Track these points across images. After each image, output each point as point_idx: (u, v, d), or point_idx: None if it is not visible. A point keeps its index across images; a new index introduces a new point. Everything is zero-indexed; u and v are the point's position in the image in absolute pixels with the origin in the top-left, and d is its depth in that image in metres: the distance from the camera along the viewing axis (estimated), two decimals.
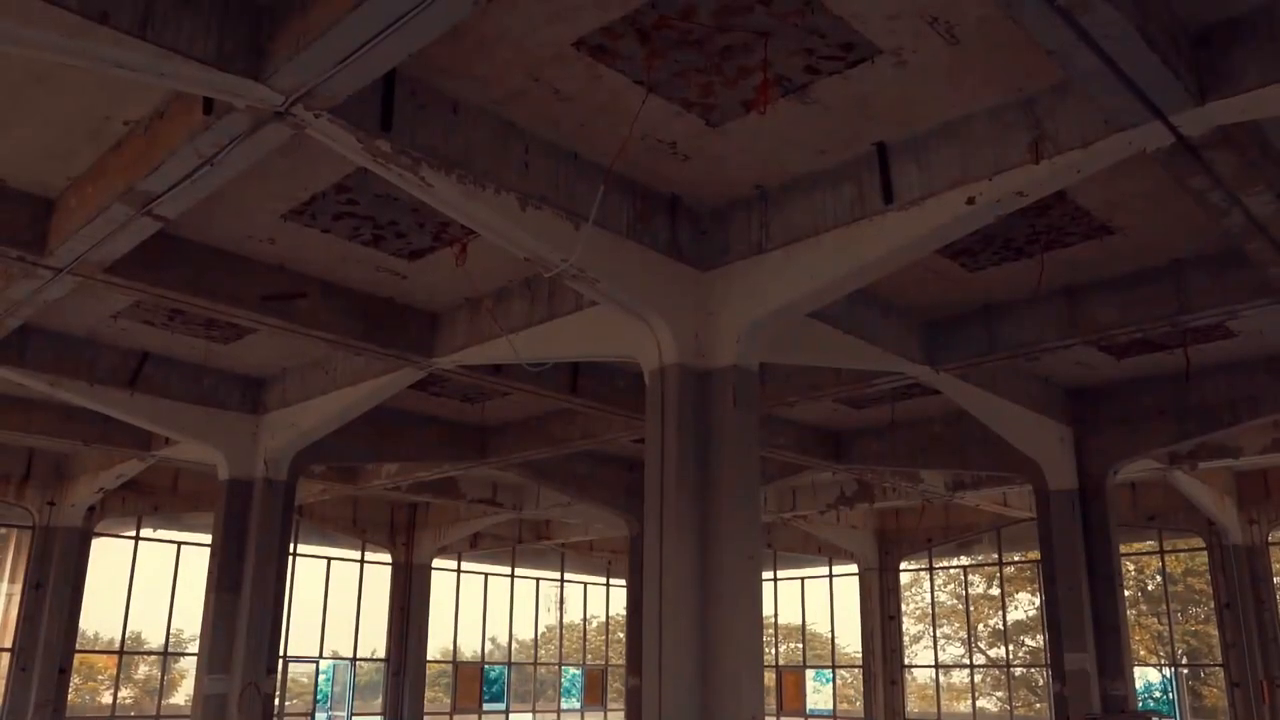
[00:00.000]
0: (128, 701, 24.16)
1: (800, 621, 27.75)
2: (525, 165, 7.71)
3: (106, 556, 21.10)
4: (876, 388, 12.84)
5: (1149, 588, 27.69)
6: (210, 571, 14.39)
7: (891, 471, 18.17)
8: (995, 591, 29.03)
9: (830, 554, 25.88)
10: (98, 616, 20.89)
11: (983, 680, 26.84)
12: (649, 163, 8.32)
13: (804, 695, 26.94)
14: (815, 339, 10.25)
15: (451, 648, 26.37)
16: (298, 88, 6.24)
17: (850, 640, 26.49)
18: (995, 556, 24.82)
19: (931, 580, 26.62)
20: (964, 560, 25.84)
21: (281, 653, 19.23)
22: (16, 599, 20.60)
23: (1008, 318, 11.21)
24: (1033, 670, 29.48)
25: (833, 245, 8.19)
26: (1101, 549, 14.16)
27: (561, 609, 29.32)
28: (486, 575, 27.39)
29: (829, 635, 27.53)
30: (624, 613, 25.43)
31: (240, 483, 14.42)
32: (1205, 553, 20.97)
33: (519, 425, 16.44)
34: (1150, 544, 22.79)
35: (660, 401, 8.54)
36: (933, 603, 27.08)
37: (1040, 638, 27.29)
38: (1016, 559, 25.36)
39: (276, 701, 17.82)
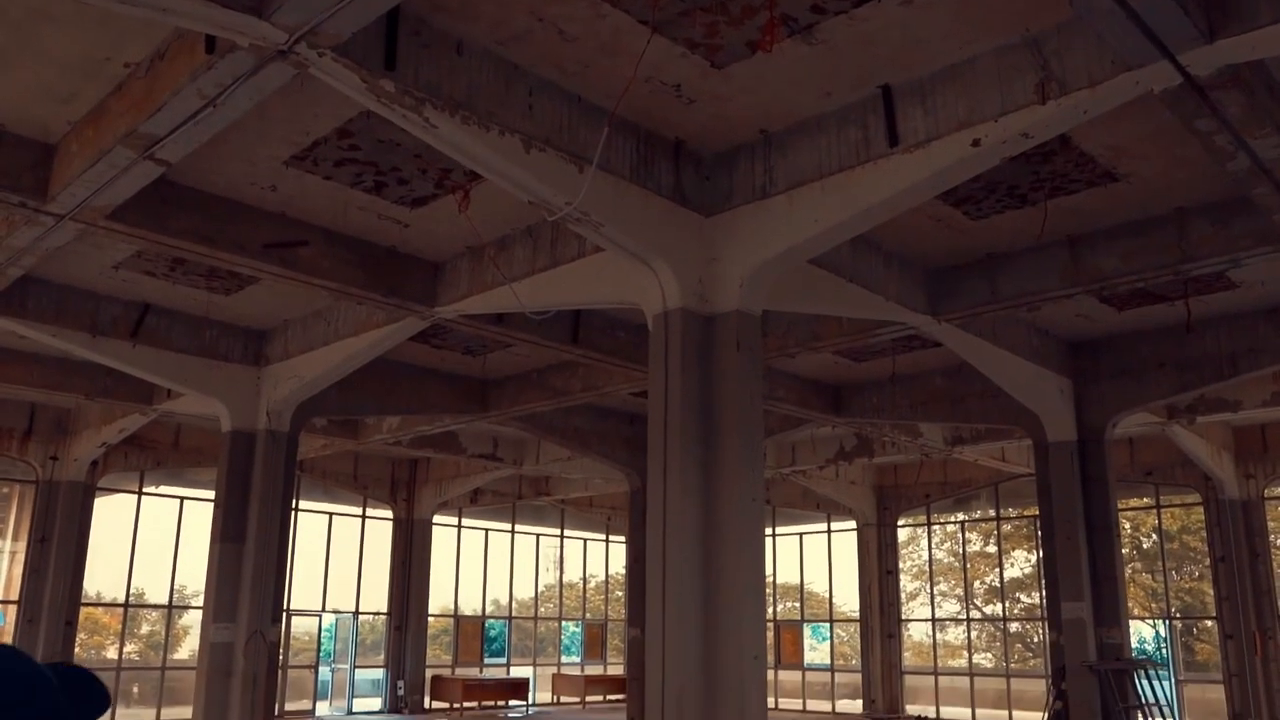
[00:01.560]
0: (133, 657, 24.40)
1: (798, 580, 27.97)
2: (529, 107, 7.68)
3: (110, 514, 21.22)
4: (878, 338, 12.87)
5: (1144, 545, 27.89)
6: (214, 522, 14.48)
7: (891, 425, 18.25)
8: (992, 549, 29.28)
9: (829, 510, 26.05)
10: (102, 574, 21.03)
11: (978, 637, 27.10)
12: (653, 106, 8.28)
13: (802, 650, 27.23)
14: (818, 287, 10.27)
15: (453, 605, 26.57)
16: (301, 25, 6.19)
17: (848, 598, 26.73)
18: (993, 513, 24.98)
19: (929, 535, 26.81)
20: (961, 516, 26.00)
21: (285, 607, 19.45)
22: (20, 555, 20.76)
23: (1010, 267, 11.22)
24: (1028, 626, 29.80)
25: (837, 189, 8.17)
26: (1099, 500, 14.27)
27: (561, 566, 29.53)
28: (487, 531, 27.57)
29: (826, 594, 27.78)
30: (623, 571, 25.65)
31: (243, 434, 14.47)
32: (1200, 510, 21.15)
33: (520, 378, 16.48)
34: (1147, 500, 22.93)
35: (664, 346, 8.56)
36: (930, 557, 27.30)
37: (1036, 595, 27.55)
38: (1014, 515, 25.51)
39: (281, 655, 18.01)
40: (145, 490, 21.58)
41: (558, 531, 28.96)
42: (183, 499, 21.87)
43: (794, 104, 8.24)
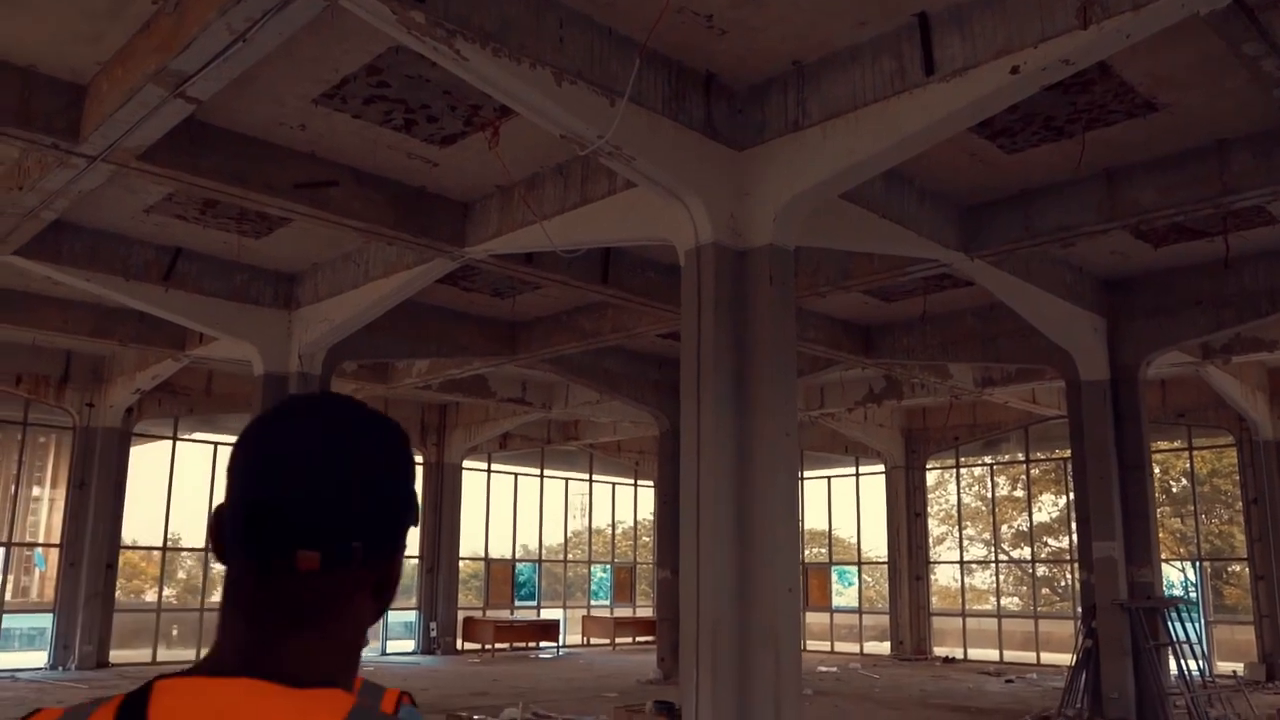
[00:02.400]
0: (171, 600, 24.88)
1: (826, 524, 28.07)
2: (561, 40, 7.59)
3: (145, 462, 21.55)
4: (910, 276, 12.78)
5: (1173, 490, 27.79)
6: None
7: (921, 366, 18.17)
8: (1019, 493, 29.26)
9: (857, 453, 26.06)
10: (140, 521, 21.40)
11: (1005, 580, 27.19)
12: (685, 38, 8.17)
13: (829, 593, 27.42)
14: (850, 223, 10.18)
15: (483, 549, 26.87)
16: None
17: (875, 543, 26.81)
18: (1022, 456, 24.91)
19: (958, 477, 26.78)
20: (990, 459, 25.94)
21: None
22: (59, 503, 21.16)
23: (1045, 202, 11.07)
24: (1055, 570, 29.84)
25: (872, 120, 8.06)
26: (1132, 439, 14.18)
27: (590, 510, 29.76)
28: (516, 476, 27.79)
29: (854, 540, 27.88)
30: (650, 517, 25.82)
31: (275, 377, 14.60)
32: (1232, 453, 20.99)
33: (549, 320, 16.49)
34: (1178, 442, 22.77)
35: (696, 282, 8.53)
36: (958, 498, 27.30)
37: (1064, 539, 27.56)
38: (1043, 458, 25.44)
39: None
40: (179, 436, 21.86)
41: (586, 476, 29.14)
42: (216, 444, 22.14)
43: (828, 34, 8.10)
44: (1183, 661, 13.49)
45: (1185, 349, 15.79)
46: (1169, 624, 13.71)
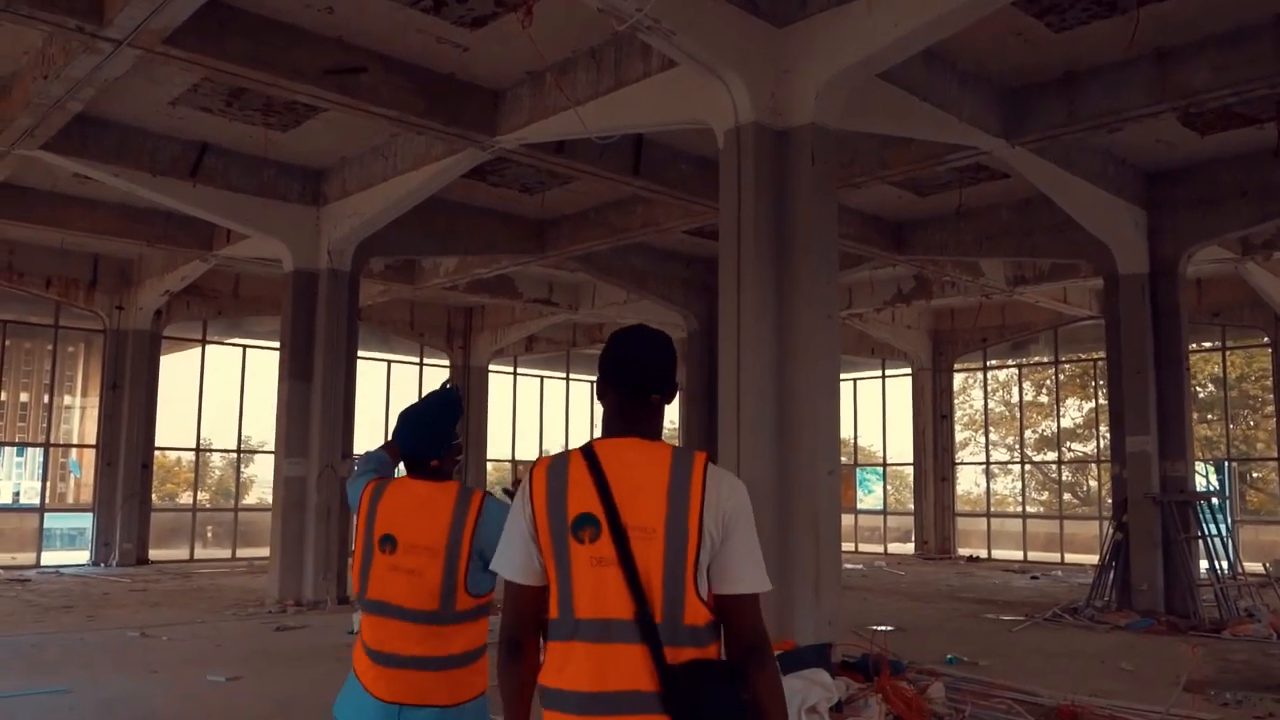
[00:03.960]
0: (205, 503, 25.31)
1: (850, 430, 28.08)
2: None
3: (176, 371, 21.71)
4: (947, 165, 12.52)
5: (1200, 395, 27.64)
6: (281, 361, 14.72)
7: (953, 264, 17.95)
8: (1044, 399, 29.17)
9: (884, 355, 25.96)
10: (172, 429, 21.61)
11: (1028, 485, 27.24)
12: None
13: (854, 495, 27.59)
14: (890, 105, 9.90)
15: (510, 451, 27.11)
16: None
17: (901, 447, 26.80)
18: (1050, 358, 24.76)
19: (985, 379, 26.65)
20: (1019, 361, 25.79)
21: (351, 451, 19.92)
22: (90, 411, 21.41)
23: (1092, 84, 10.73)
24: (1078, 475, 29.89)
25: None
26: (1170, 333, 14.00)
27: None
28: (542, 379, 27.90)
29: (873, 447, 27.91)
30: (672, 424, 25.86)
31: (305, 274, 14.55)
32: (1259, 357, 20.75)
33: (578, 217, 16.31)
34: (1210, 343, 22.52)
35: (735, 163, 8.35)
36: (985, 399, 27.17)
37: (1090, 444, 27.57)
38: (1073, 359, 25.27)
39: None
40: (208, 339, 21.97)
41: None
42: (245, 346, 22.25)
43: None
44: (1213, 554, 13.51)
45: (1225, 244, 15.50)
46: (1200, 518, 13.70)
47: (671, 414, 30.02)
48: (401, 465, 3.47)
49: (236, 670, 9.03)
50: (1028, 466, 27.11)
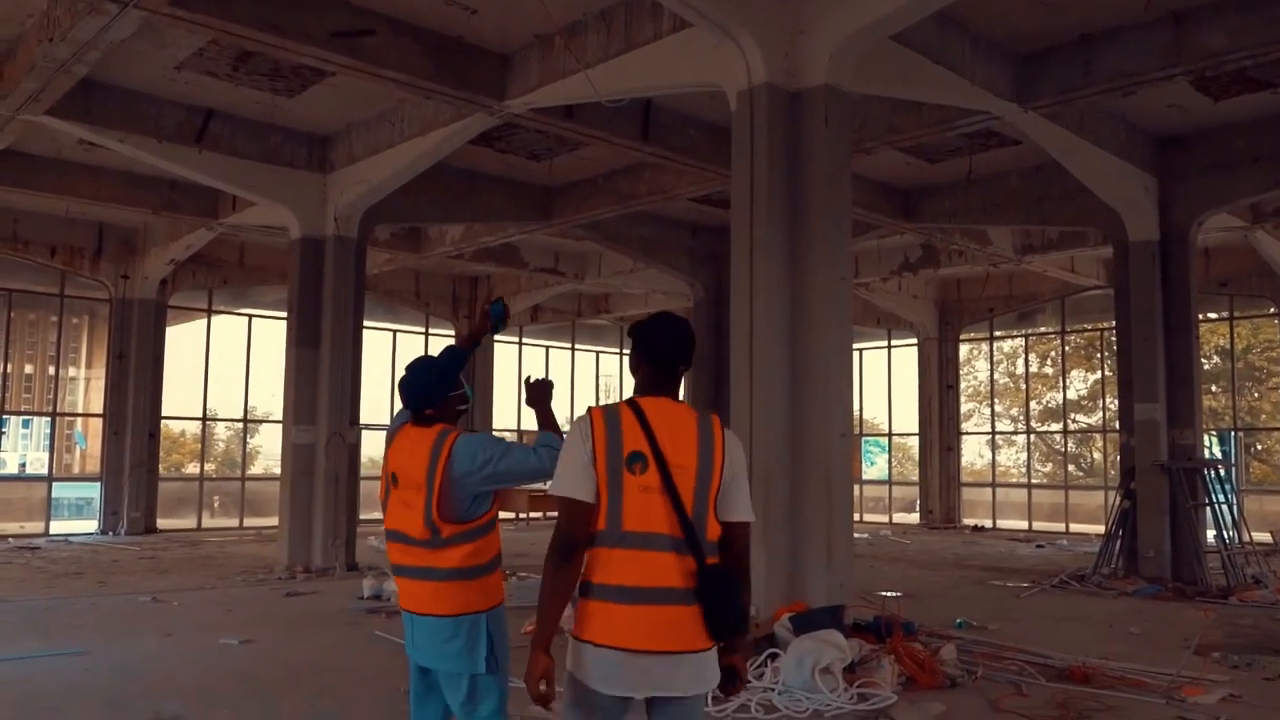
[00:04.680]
0: (211, 473, 25.32)
1: (857, 401, 28.03)
2: None
3: (182, 342, 21.69)
4: (958, 131, 12.42)
5: (1205, 366, 27.56)
6: (289, 328, 14.69)
7: (961, 232, 17.87)
8: (1048, 370, 29.10)
9: (889, 325, 25.91)
10: (178, 402, 21.61)
11: (1032, 457, 27.22)
12: None
13: (859, 465, 27.60)
14: (902, 68, 9.81)
15: (516, 421, 27.11)
16: None
17: (906, 417, 26.79)
18: (1057, 328, 24.70)
19: (991, 349, 26.58)
20: (1025, 330, 25.71)
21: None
22: (96, 382, 21.41)
23: (1107, 47, 10.62)
24: (1082, 447, 29.86)
25: None
26: (1179, 301, 13.95)
27: (621, 384, 29.88)
28: (547, 349, 27.88)
29: (882, 417, 27.89)
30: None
31: (312, 240, 14.50)
32: (1266, 328, 20.66)
33: (585, 184, 16.23)
34: (1217, 314, 22.44)
35: (749, 125, 8.29)
36: (991, 370, 27.13)
37: (1094, 416, 27.55)
38: (1080, 329, 25.20)
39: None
40: (214, 309, 21.94)
41: (617, 350, 29.20)
42: (251, 315, 22.22)
43: None
44: (1221, 522, 13.52)
45: (1235, 211, 15.43)
46: (1209, 485, 13.70)
47: None
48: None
49: (248, 634, 9.07)
50: (1033, 438, 27.07)
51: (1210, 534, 13.67)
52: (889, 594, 11.56)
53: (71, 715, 6.32)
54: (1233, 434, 21.93)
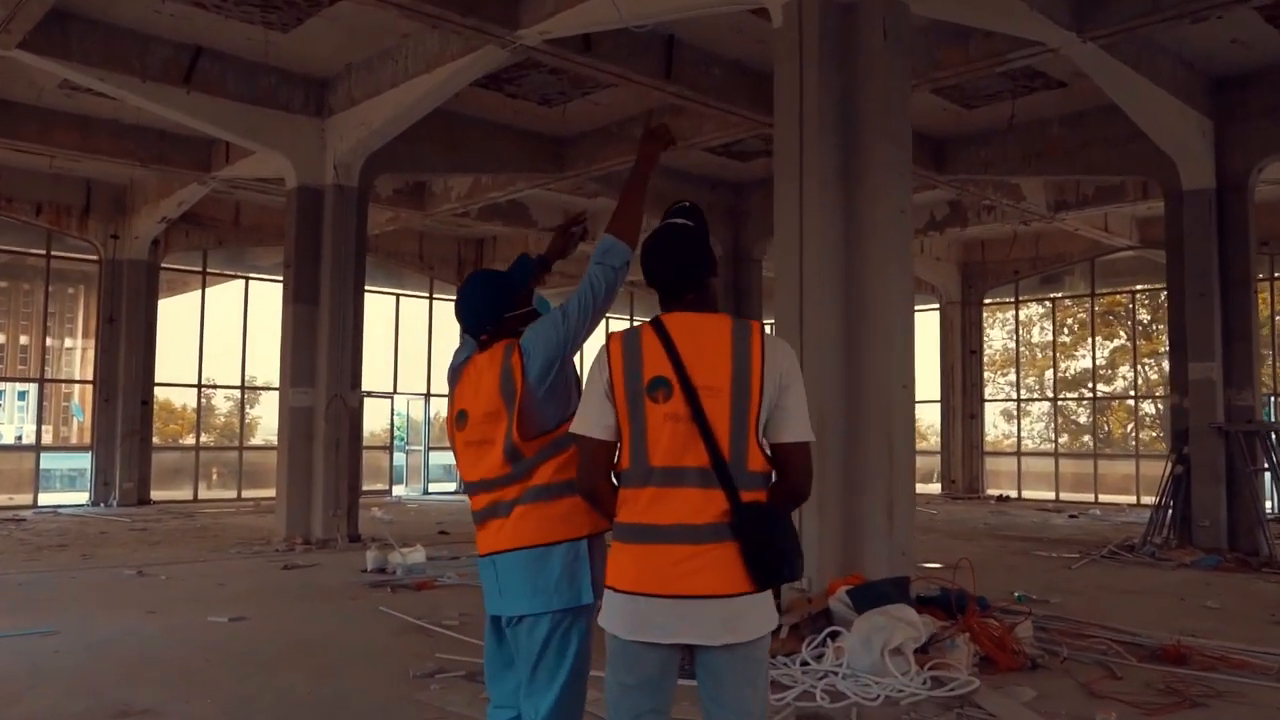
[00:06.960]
0: (209, 444, 24.51)
1: None
2: None
3: (176, 310, 20.81)
4: (1007, 64, 11.43)
5: None
6: (286, 283, 13.78)
7: (994, 185, 16.94)
8: (1066, 339, 28.12)
9: None
10: (175, 367, 20.73)
11: (1049, 427, 26.32)
12: None
13: None
14: None
15: None
16: None
17: (927, 383, 25.86)
18: (1082, 292, 23.77)
19: (1016, 313, 25.57)
20: (1051, 294, 24.77)
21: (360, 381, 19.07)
22: (89, 353, 20.51)
23: None
24: (1102, 418, 28.93)
25: None
26: (1237, 253, 13.03)
27: None
28: None
29: None
30: None
31: (310, 190, 13.55)
32: None
33: (599, 134, 15.27)
34: (1260, 274, 21.44)
35: (797, 38, 7.37)
36: (1017, 333, 26.09)
37: (1114, 385, 26.67)
38: (1109, 291, 24.27)
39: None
40: (209, 270, 21.03)
41: (627, 315, 28.30)
42: (247, 277, 21.32)
43: None
44: None
45: None
46: (1270, 449, 12.83)
47: None
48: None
49: (240, 610, 8.23)
50: (1060, 400, 26.14)
51: (1268, 502, 12.82)
52: (929, 565, 10.72)
53: (32, 703, 5.48)
54: (1274, 399, 21.02)
